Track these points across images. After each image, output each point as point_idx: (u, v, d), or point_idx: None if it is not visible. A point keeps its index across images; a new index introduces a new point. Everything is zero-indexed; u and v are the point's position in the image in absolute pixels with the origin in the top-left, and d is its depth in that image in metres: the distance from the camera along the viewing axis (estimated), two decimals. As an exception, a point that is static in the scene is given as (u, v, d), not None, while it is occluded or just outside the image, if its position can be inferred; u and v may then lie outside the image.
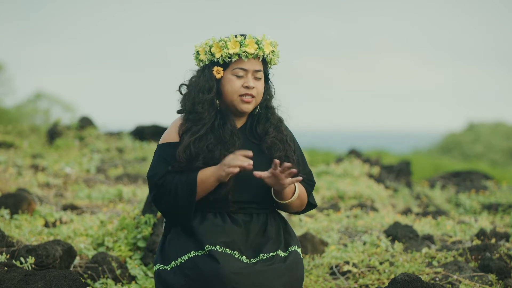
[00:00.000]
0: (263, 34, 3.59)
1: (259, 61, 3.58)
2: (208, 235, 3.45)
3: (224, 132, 3.53)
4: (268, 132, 3.61)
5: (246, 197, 3.54)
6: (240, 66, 3.55)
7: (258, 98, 3.59)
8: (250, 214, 3.56)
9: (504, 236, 5.35)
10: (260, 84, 3.58)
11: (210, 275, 3.34)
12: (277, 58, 3.64)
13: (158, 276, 3.51)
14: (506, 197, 8.47)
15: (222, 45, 3.53)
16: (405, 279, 3.92)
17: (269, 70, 3.66)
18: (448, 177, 11.15)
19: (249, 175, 3.52)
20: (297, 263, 3.53)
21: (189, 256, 3.44)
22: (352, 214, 6.55)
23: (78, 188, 8.07)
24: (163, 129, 12.78)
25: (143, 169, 9.97)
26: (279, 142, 3.61)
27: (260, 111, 3.64)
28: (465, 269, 4.61)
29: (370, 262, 4.86)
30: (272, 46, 3.59)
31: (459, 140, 29.20)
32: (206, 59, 3.58)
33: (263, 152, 3.60)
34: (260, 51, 3.55)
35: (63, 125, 13.02)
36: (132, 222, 4.94)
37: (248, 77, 3.55)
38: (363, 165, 10.39)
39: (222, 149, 3.50)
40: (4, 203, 5.81)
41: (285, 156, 3.60)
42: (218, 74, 3.56)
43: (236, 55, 3.53)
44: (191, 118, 3.54)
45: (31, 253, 4.36)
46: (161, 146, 3.56)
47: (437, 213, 7.09)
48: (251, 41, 3.54)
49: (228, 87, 3.55)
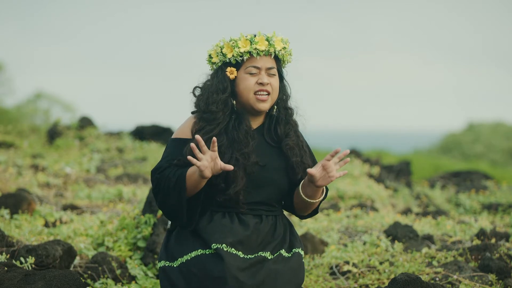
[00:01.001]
0: (273, 31, 3.58)
1: (272, 58, 3.57)
2: (215, 234, 3.44)
3: (239, 132, 3.50)
4: (289, 134, 3.60)
5: (256, 198, 3.53)
6: (253, 64, 3.53)
7: (273, 95, 3.57)
8: (260, 216, 3.55)
9: (504, 236, 5.35)
10: (274, 81, 3.56)
11: (215, 274, 3.34)
12: (290, 56, 3.62)
13: (163, 272, 3.51)
14: (506, 197, 8.47)
15: (233, 45, 3.52)
16: (405, 279, 3.92)
17: (283, 69, 3.64)
18: (448, 177, 11.15)
19: (261, 176, 3.52)
20: (299, 265, 3.54)
21: (195, 254, 3.43)
22: (352, 214, 6.55)
23: (78, 188, 8.07)
24: (163, 129, 12.79)
25: (143, 169, 9.97)
26: (296, 147, 3.61)
27: (279, 112, 3.63)
28: (465, 269, 4.61)
29: (370, 262, 4.86)
30: (283, 42, 3.58)
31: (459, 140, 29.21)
32: (219, 61, 3.57)
33: (279, 154, 3.59)
34: (271, 47, 3.54)
35: (63, 125, 13.03)
36: (132, 222, 4.95)
37: (261, 74, 3.54)
38: (363, 165, 10.40)
39: (235, 150, 3.48)
40: (4, 203, 5.81)
41: (301, 161, 3.59)
42: (232, 74, 3.55)
43: (247, 53, 3.52)
44: (205, 117, 3.52)
45: (31, 253, 4.36)
46: (172, 140, 3.55)
47: (437, 213, 7.09)
48: (261, 38, 3.53)
49: (242, 85, 3.54)
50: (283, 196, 3.62)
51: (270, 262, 3.44)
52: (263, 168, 3.52)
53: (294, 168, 3.57)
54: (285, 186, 3.59)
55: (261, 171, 3.51)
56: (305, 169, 3.58)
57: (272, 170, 3.53)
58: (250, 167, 3.48)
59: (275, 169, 3.55)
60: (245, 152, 3.48)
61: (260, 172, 3.50)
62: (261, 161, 3.52)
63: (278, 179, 3.56)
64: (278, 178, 3.56)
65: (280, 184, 3.57)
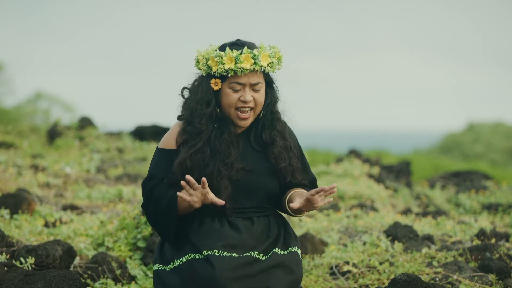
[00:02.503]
0: (261, 43, 3.49)
1: (257, 73, 3.50)
2: (205, 240, 3.44)
3: (221, 142, 3.49)
4: (274, 141, 3.57)
5: (246, 204, 3.52)
6: (237, 81, 3.48)
7: (257, 109, 3.53)
8: (250, 218, 3.54)
9: (504, 236, 5.35)
10: (259, 96, 3.51)
11: (205, 280, 3.34)
12: (279, 64, 3.54)
13: (157, 276, 3.52)
14: (506, 197, 8.47)
15: (218, 61, 3.46)
16: (405, 279, 3.92)
17: (271, 75, 3.58)
18: (448, 177, 11.15)
19: (248, 181, 3.52)
20: (296, 264, 3.51)
21: (186, 259, 3.44)
22: (352, 214, 6.55)
23: (78, 188, 8.07)
24: (163, 129, 12.79)
25: (143, 169, 9.97)
26: (284, 151, 3.57)
27: (265, 116, 3.59)
28: (465, 269, 4.60)
29: (370, 262, 4.86)
30: (271, 57, 3.49)
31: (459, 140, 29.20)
32: (204, 71, 3.54)
33: (266, 158, 3.57)
34: (257, 66, 3.45)
35: (63, 125, 13.03)
36: (132, 222, 4.95)
37: (245, 90, 3.49)
38: (363, 165, 10.40)
39: (218, 160, 3.47)
40: (4, 203, 5.81)
41: (289, 165, 3.57)
42: (216, 86, 3.51)
43: (232, 71, 3.46)
44: (188, 131, 3.51)
45: (31, 253, 4.36)
46: (159, 150, 3.56)
47: (437, 213, 7.09)
48: (247, 56, 3.44)
49: (225, 100, 3.50)
50: (274, 198, 3.60)
51: (263, 262, 3.43)
52: (250, 173, 3.51)
53: (282, 172, 3.56)
54: (275, 189, 3.57)
55: (248, 176, 3.50)
56: (294, 171, 3.56)
57: (259, 175, 3.52)
58: (234, 174, 3.47)
59: (263, 173, 3.53)
60: (227, 162, 3.46)
61: (247, 178, 3.49)
62: (248, 166, 3.51)
63: (267, 183, 3.54)
64: (266, 182, 3.54)
65: (269, 188, 3.55)
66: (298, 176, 3.59)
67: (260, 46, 3.49)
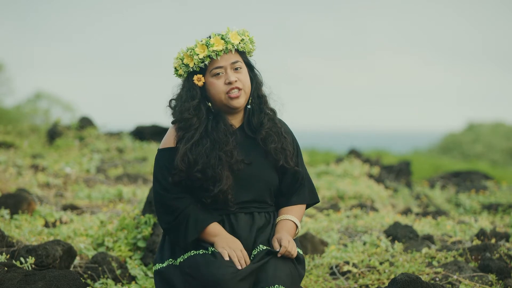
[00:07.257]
0: (227, 27, 3.57)
1: (233, 53, 3.57)
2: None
3: (218, 132, 3.53)
4: (262, 123, 3.60)
5: (247, 197, 3.55)
6: (216, 65, 3.54)
7: (246, 88, 3.57)
8: (251, 213, 3.56)
9: (504, 236, 5.35)
10: (243, 75, 3.57)
11: (209, 275, 3.34)
12: (252, 44, 3.62)
13: (159, 275, 3.52)
14: (506, 197, 8.47)
15: (191, 54, 3.54)
16: (405, 279, 3.92)
17: (249, 59, 3.64)
18: (448, 177, 11.15)
19: (248, 174, 3.53)
20: (295, 263, 3.52)
21: (188, 255, 3.45)
22: (352, 214, 6.55)
23: (78, 188, 8.07)
24: (163, 129, 12.79)
25: (143, 169, 9.97)
26: (274, 134, 3.60)
27: (253, 102, 3.63)
28: (465, 269, 4.61)
29: (370, 262, 4.86)
30: (240, 35, 3.58)
31: (459, 140, 29.19)
32: (183, 72, 3.59)
33: (265, 154, 3.59)
34: (229, 44, 3.54)
35: (63, 125, 13.03)
36: (132, 222, 4.95)
37: (228, 72, 3.55)
38: (363, 165, 10.40)
39: (217, 150, 3.50)
40: (4, 203, 5.81)
41: (281, 148, 3.59)
42: (200, 81, 3.57)
43: (207, 58, 3.53)
44: (181, 126, 3.55)
45: (31, 253, 4.36)
46: (160, 150, 3.58)
47: (437, 213, 7.08)
48: (216, 39, 3.54)
49: (212, 90, 3.55)
50: (274, 192, 3.63)
51: (265, 257, 3.44)
52: (249, 166, 3.54)
53: (273, 155, 3.58)
54: (275, 182, 3.60)
55: (247, 169, 3.53)
56: (286, 156, 3.59)
57: (259, 167, 3.55)
58: (235, 165, 3.50)
59: (262, 165, 3.56)
60: (227, 150, 3.50)
61: (246, 170, 3.52)
62: (247, 159, 3.54)
63: (266, 175, 3.57)
64: (266, 174, 3.57)
65: (268, 180, 3.58)
66: (290, 162, 3.60)
67: (227, 29, 3.57)
